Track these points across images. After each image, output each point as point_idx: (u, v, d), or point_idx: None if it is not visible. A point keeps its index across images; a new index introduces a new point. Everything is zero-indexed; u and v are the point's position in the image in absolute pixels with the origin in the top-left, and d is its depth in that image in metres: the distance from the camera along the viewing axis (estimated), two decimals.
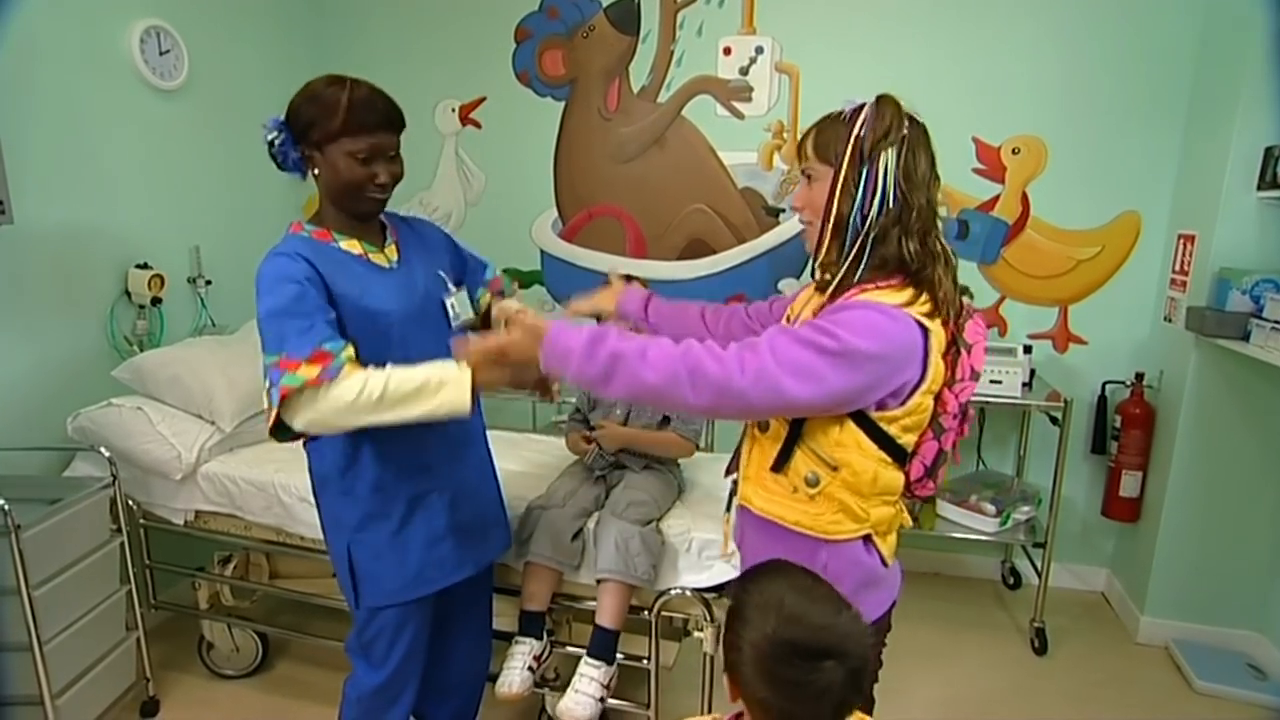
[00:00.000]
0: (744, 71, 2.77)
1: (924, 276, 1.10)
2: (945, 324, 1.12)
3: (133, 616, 2.02)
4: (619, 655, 1.78)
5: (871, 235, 1.10)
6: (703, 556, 1.74)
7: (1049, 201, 2.62)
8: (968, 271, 2.72)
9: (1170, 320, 2.47)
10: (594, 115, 2.91)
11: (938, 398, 1.16)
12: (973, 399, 1.20)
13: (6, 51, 1.89)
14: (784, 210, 2.83)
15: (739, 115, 2.80)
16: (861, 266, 1.11)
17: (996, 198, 2.65)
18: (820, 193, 1.15)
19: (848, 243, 1.12)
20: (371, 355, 1.28)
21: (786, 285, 2.88)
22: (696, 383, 1.03)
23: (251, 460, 2.11)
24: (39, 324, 2.11)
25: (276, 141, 1.32)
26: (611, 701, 1.87)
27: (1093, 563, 2.81)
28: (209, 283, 2.61)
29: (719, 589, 1.72)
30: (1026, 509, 2.55)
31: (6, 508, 1.57)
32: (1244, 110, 2.16)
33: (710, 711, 1.81)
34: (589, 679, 1.71)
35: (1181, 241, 2.43)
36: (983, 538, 2.52)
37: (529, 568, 1.76)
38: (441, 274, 1.49)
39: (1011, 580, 2.85)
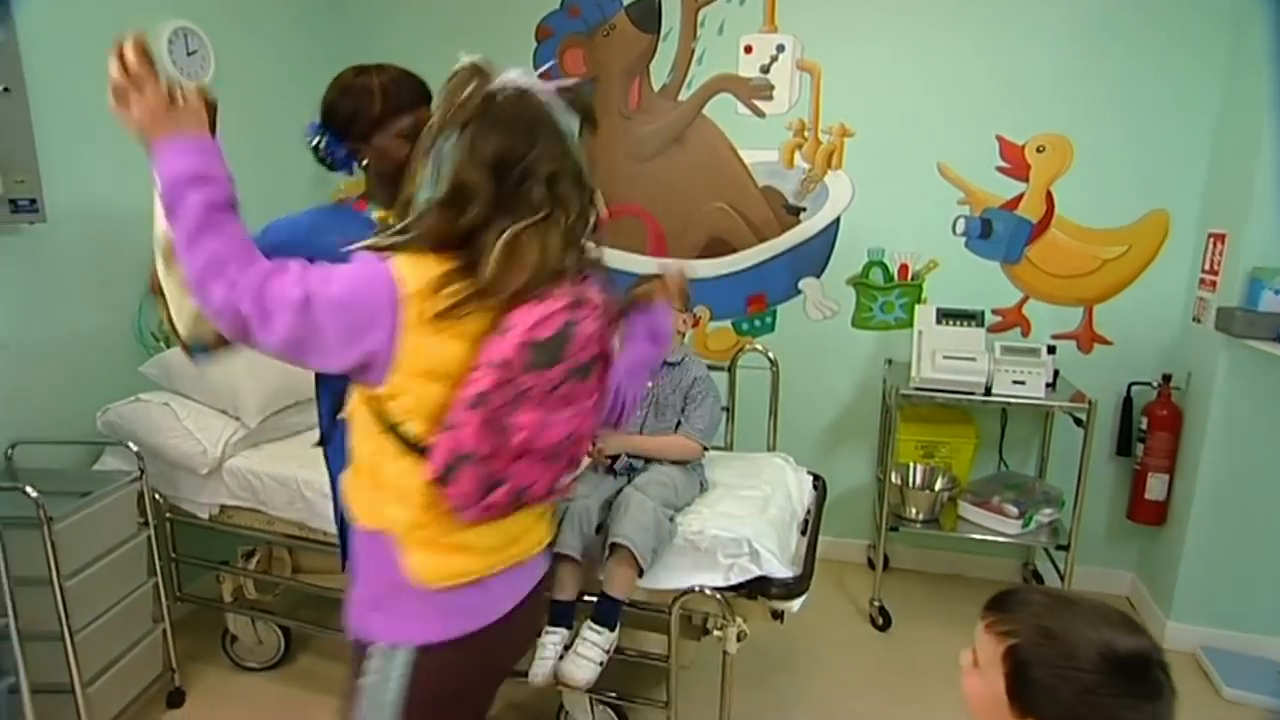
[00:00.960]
0: (765, 70, 2.76)
1: (477, 245, 0.94)
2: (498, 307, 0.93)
3: (159, 608, 2.05)
4: (636, 652, 1.79)
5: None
6: (722, 555, 1.74)
7: (1074, 200, 2.59)
8: (990, 271, 2.69)
9: (1199, 321, 2.43)
10: (614, 114, 2.91)
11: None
12: (991, 399, 1.13)
13: (42, 52, 1.93)
14: (804, 209, 2.82)
15: (760, 114, 2.79)
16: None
17: (1020, 196, 2.62)
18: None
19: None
20: None
21: (807, 285, 2.87)
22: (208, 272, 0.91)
23: (275, 456, 2.13)
24: (70, 320, 2.15)
25: (321, 144, 1.31)
26: (630, 700, 1.88)
27: (1117, 566, 2.78)
28: None
29: (738, 588, 1.72)
30: (1049, 511, 2.52)
31: (39, 500, 1.60)
32: (1278, 105, 2.12)
33: (726, 712, 1.81)
34: (591, 644, 1.71)
35: (1212, 240, 2.38)
36: (1004, 539, 2.49)
37: (556, 559, 1.77)
38: None
39: (1034, 583, 2.82)
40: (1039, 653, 0.80)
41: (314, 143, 1.31)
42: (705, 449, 1.99)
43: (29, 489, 1.60)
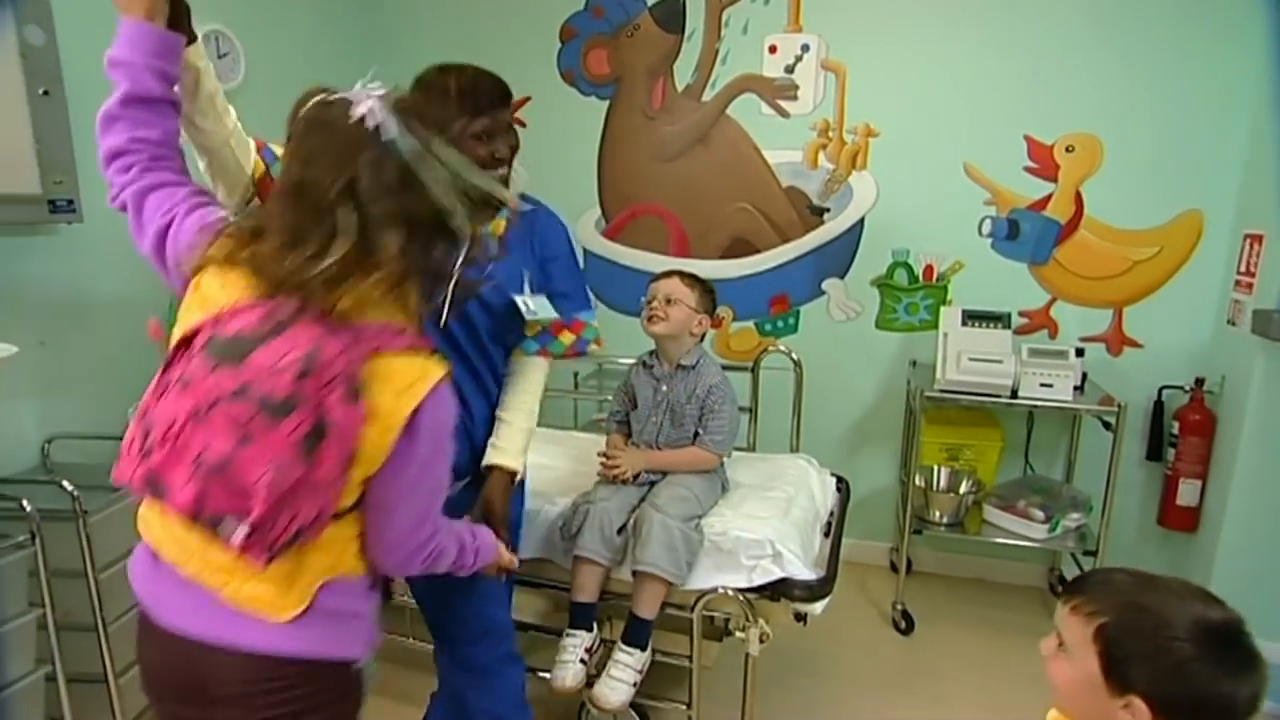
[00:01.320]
0: (789, 69, 2.75)
1: None
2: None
3: None
4: (658, 652, 1.79)
5: None
6: (744, 556, 1.73)
7: (1104, 200, 2.55)
8: (1017, 272, 2.66)
9: (1234, 323, 2.38)
10: (638, 114, 2.91)
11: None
12: (1018, 402, 1.11)
13: (80, 54, 1.97)
14: (828, 209, 2.80)
15: (784, 114, 2.78)
16: None
17: (1049, 197, 2.59)
18: None
19: None
20: None
21: (831, 285, 2.85)
22: None
23: None
24: (106, 317, 2.19)
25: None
26: (652, 701, 1.88)
27: None
28: None
29: (761, 590, 1.72)
30: (1077, 516, 2.48)
31: (75, 494, 1.64)
32: None
33: (749, 714, 1.81)
34: (624, 665, 1.71)
35: (1248, 241, 2.33)
36: (1030, 544, 2.46)
37: (578, 562, 1.77)
38: (525, 272, 1.45)
39: (1060, 588, 2.78)
40: (1133, 628, 0.81)
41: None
42: (724, 458, 1.96)
43: (65, 483, 1.64)
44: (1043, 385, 2.35)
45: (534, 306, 1.44)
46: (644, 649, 1.75)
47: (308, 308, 0.84)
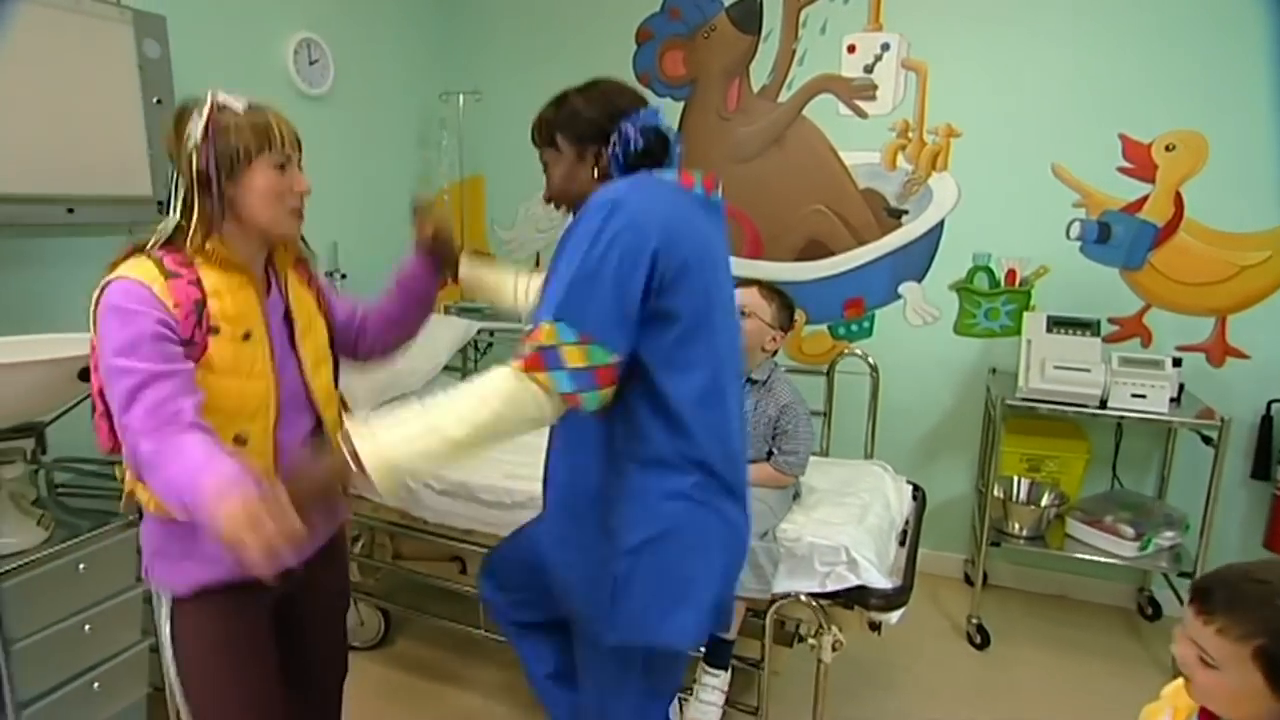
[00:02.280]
0: (869, 69, 2.70)
1: None
2: None
3: None
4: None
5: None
6: (819, 562, 1.71)
7: (1207, 202, 2.41)
8: (1107, 277, 2.54)
9: None
10: (713, 115, 2.90)
11: None
12: (1106, 412, 1.08)
13: (189, 66, 2.08)
14: (906, 211, 2.74)
15: (862, 114, 2.73)
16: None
17: (1145, 198, 2.46)
18: None
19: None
20: None
21: (908, 289, 2.79)
22: None
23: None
24: None
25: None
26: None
27: None
28: (344, 276, 2.79)
29: (835, 596, 1.69)
30: (1171, 535, 2.35)
31: None
32: None
33: None
34: (711, 687, 1.72)
35: None
36: (1118, 562, 2.35)
37: None
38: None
39: (1150, 610, 2.64)
40: None
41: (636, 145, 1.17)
42: (797, 477, 1.92)
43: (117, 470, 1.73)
44: (1134, 396, 2.24)
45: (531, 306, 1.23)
46: (726, 669, 1.75)
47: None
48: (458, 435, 1.02)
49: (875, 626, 1.74)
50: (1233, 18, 2.29)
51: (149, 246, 1.09)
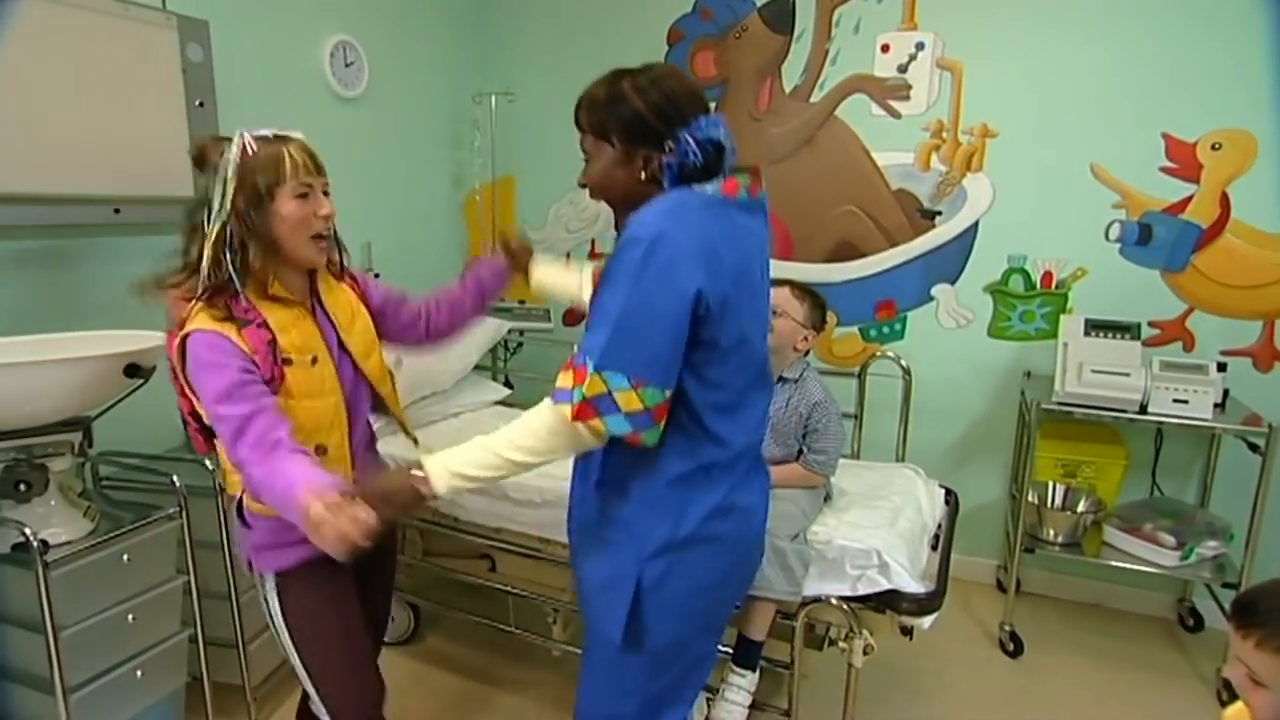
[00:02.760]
0: (902, 69, 2.67)
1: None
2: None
3: None
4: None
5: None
6: (850, 566, 1.69)
7: (1255, 202, 2.34)
8: (1148, 280, 2.48)
9: None
10: (744, 116, 2.89)
11: None
12: (1146, 418, 1.06)
13: (229, 69, 2.13)
14: (940, 213, 2.70)
15: (895, 114, 2.70)
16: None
17: (1189, 199, 2.41)
18: None
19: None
20: None
21: (940, 291, 2.75)
22: None
23: (412, 444, 2.25)
24: None
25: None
26: (750, 707, 1.86)
27: None
28: (377, 275, 2.81)
29: (866, 600, 1.67)
30: (1214, 544, 2.29)
31: (215, 472, 1.77)
32: None
33: None
34: (737, 688, 1.71)
35: None
36: (1158, 571, 2.29)
37: (750, 598, 1.69)
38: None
39: (1191, 621, 2.57)
40: None
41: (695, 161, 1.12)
42: (828, 479, 1.91)
43: (208, 461, 1.77)
44: (1176, 401, 2.19)
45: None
46: (754, 670, 1.74)
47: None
48: (513, 457, 1.10)
49: (907, 631, 1.72)
50: (1277, 9, 2.23)
51: (200, 295, 1.21)
